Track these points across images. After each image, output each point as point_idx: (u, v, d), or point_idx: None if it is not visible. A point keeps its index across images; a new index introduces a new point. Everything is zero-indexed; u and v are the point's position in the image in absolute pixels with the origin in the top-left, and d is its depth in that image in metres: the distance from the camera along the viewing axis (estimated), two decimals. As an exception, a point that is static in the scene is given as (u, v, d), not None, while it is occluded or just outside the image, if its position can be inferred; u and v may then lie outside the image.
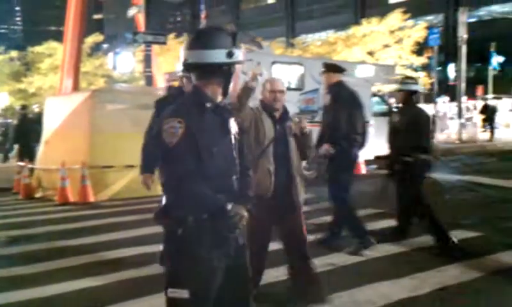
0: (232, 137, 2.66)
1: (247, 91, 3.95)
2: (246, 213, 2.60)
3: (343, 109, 6.05)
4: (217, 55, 2.55)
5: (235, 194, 2.61)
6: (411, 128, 6.29)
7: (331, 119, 6.12)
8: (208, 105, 2.58)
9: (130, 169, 9.70)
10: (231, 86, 2.69)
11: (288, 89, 10.16)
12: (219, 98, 2.65)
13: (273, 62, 12.30)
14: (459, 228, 7.05)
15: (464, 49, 23.70)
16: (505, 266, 5.40)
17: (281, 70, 12.34)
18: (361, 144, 6.24)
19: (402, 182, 6.80)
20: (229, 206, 2.51)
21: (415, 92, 6.61)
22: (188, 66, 2.62)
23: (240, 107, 3.95)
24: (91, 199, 9.96)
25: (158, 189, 3.05)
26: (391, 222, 7.16)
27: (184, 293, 2.45)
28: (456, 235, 6.65)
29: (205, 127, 2.52)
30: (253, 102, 4.27)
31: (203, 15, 18.31)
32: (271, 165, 4.09)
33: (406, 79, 7.04)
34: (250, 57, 11.73)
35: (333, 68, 6.40)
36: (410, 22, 28.68)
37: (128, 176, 9.99)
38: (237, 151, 2.70)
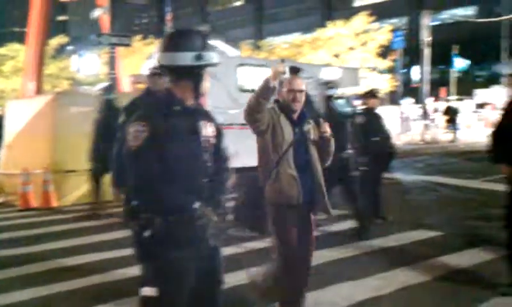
0: (203, 139, 2.66)
1: (266, 91, 3.59)
2: (215, 216, 2.61)
3: None
4: (186, 58, 2.57)
5: (204, 196, 2.61)
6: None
7: None
8: (176, 108, 2.59)
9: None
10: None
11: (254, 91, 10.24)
12: (190, 101, 2.66)
13: (239, 65, 12.30)
14: (421, 227, 7.20)
15: (427, 52, 24.16)
16: (465, 265, 5.52)
17: (247, 72, 12.35)
18: None
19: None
20: (196, 208, 2.53)
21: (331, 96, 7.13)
22: (162, 69, 2.66)
23: (258, 108, 3.64)
24: (54, 204, 9.77)
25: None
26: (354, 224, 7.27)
27: (153, 292, 2.48)
28: (419, 235, 6.82)
29: (171, 130, 2.52)
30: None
31: (168, 17, 18.16)
32: (293, 170, 3.72)
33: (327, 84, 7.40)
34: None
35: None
36: (375, 25, 29.08)
37: (93, 180, 9.84)
38: (211, 154, 2.71)
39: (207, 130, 2.70)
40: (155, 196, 2.50)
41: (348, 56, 27.97)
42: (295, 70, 4.09)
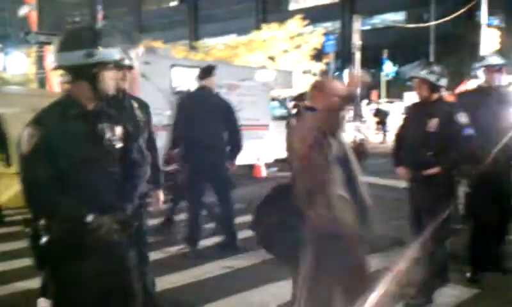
0: (107, 144, 2.54)
1: (348, 100, 3.16)
2: (115, 225, 2.47)
3: None
4: (75, 57, 2.45)
5: (104, 204, 2.48)
6: None
7: None
8: (72, 111, 2.46)
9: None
10: (127, 87, 2.61)
11: (189, 91, 10.17)
12: (91, 103, 2.53)
13: (172, 66, 12.21)
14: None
15: (358, 55, 24.83)
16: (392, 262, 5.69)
17: (181, 74, 12.27)
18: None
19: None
20: (89, 218, 2.39)
21: None
22: (59, 70, 2.55)
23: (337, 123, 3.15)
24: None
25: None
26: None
27: (47, 304, 2.38)
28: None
29: (66, 135, 2.40)
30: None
31: (100, 15, 17.76)
32: (343, 191, 3.12)
33: None
34: (147, 60, 11.58)
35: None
36: (309, 29, 29.57)
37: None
38: (117, 159, 2.59)
39: (113, 134, 2.57)
40: (46, 204, 2.39)
41: (283, 59, 28.29)
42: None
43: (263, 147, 12.96)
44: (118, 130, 2.61)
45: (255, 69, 16.66)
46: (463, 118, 4.45)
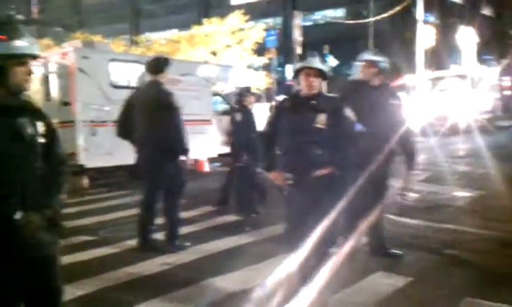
0: (29, 139, 2.46)
1: None
2: (42, 222, 2.42)
3: None
4: None
5: (29, 201, 2.40)
6: None
7: None
8: None
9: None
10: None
11: (128, 87, 10.02)
12: (5, 97, 2.43)
13: (111, 60, 11.98)
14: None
15: (298, 51, 25.10)
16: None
17: (120, 68, 12.07)
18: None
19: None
20: (18, 215, 2.32)
21: None
22: None
23: None
24: None
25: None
26: (232, 218, 7.50)
27: None
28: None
29: None
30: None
31: (35, 8, 17.20)
32: None
33: None
34: (86, 55, 11.33)
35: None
36: (250, 24, 29.64)
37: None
38: (40, 155, 2.51)
39: (35, 129, 2.49)
40: None
41: (225, 54, 28.24)
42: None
43: (206, 142, 12.93)
44: (41, 125, 2.54)
45: (197, 64, 16.58)
46: (350, 112, 4.25)
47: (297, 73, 4.16)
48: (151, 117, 5.99)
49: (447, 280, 5.07)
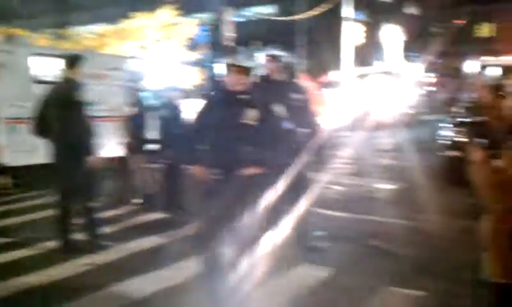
0: None
1: None
2: None
3: None
4: None
5: None
6: None
7: None
8: None
9: None
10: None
11: (52, 83, 9.66)
12: None
13: (33, 54, 11.52)
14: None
15: (230, 47, 25.12)
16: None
17: (43, 63, 11.62)
18: None
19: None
20: None
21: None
22: None
23: None
24: None
25: None
26: (156, 216, 7.39)
27: None
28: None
29: None
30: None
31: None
32: None
33: None
34: (7, 49, 10.86)
35: None
36: (182, 19, 29.36)
37: None
38: None
39: None
40: None
41: (156, 48, 27.84)
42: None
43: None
44: None
45: (125, 58, 16.23)
46: (279, 109, 4.25)
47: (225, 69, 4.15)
48: (61, 114, 5.83)
49: (370, 270, 5.23)
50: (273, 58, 5.34)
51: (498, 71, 18.10)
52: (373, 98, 20.66)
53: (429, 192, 8.17)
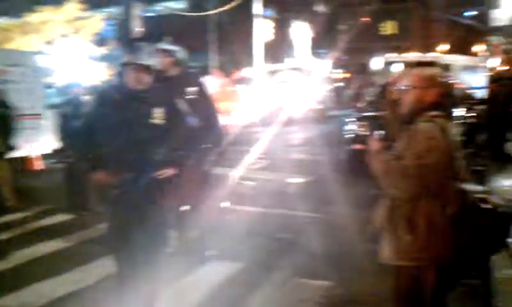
0: None
1: None
2: None
3: None
4: None
5: None
6: None
7: None
8: None
9: None
10: None
11: None
12: None
13: None
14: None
15: (138, 42, 24.65)
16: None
17: None
18: None
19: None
20: None
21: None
22: None
23: None
24: None
25: None
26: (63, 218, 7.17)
27: None
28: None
29: None
30: None
31: None
32: None
33: None
34: None
35: None
36: (89, 13, 28.45)
37: None
38: None
39: None
40: None
41: (62, 43, 26.79)
42: None
43: (38, 137, 12.12)
44: None
45: (28, 53, 15.48)
46: (183, 105, 4.09)
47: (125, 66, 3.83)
48: None
49: (279, 263, 5.33)
50: (164, 52, 5.10)
51: (401, 67, 19.00)
52: (284, 94, 21.04)
53: (336, 185, 8.44)
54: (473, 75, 20.35)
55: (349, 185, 8.44)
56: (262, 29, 28.18)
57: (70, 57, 23.02)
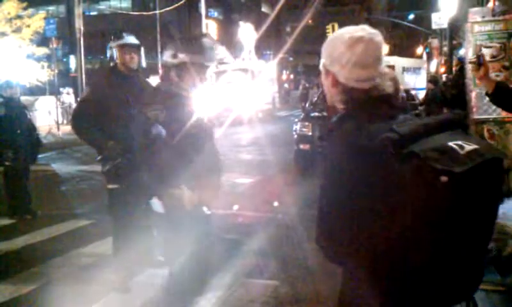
0: None
1: None
2: None
3: None
4: None
5: None
6: None
7: None
8: None
9: None
10: None
11: None
12: None
13: None
14: (73, 218, 7.19)
15: (82, 41, 24.12)
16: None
17: None
18: None
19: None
20: None
21: None
22: None
23: None
24: None
25: None
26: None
27: None
28: (71, 226, 6.79)
29: None
30: None
31: None
32: None
33: None
34: None
35: None
36: (29, 11, 27.56)
37: None
38: None
39: None
40: None
41: (1, 43, 25.86)
42: None
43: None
44: None
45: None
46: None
47: None
48: None
49: (225, 263, 5.29)
50: (138, 48, 4.68)
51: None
52: (231, 95, 21.06)
53: (284, 185, 8.50)
54: (414, 76, 20.97)
55: (296, 185, 8.52)
56: (206, 29, 28.08)
57: (8, 56, 22.24)
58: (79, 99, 4.11)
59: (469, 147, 1.43)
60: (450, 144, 1.43)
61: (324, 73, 1.77)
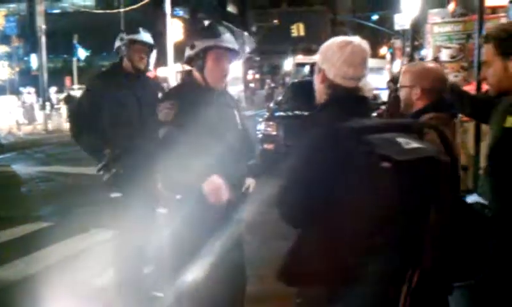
0: None
1: None
2: None
3: None
4: None
5: None
6: None
7: None
8: None
9: None
10: None
11: None
12: None
13: None
14: (33, 219, 7.04)
15: (43, 40, 23.67)
16: (74, 252, 5.61)
17: None
18: None
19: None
20: None
21: None
22: None
23: None
24: None
25: None
26: None
27: None
28: (31, 227, 6.64)
29: None
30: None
31: None
32: None
33: None
34: None
35: None
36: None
37: None
38: None
39: None
40: None
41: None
42: None
43: None
44: None
45: None
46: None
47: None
48: None
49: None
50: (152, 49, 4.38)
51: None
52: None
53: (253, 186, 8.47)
54: (377, 76, 21.29)
55: (261, 184, 8.52)
56: (171, 28, 27.84)
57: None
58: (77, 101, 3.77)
59: (413, 145, 1.71)
60: (398, 139, 1.70)
61: (317, 71, 2.06)
